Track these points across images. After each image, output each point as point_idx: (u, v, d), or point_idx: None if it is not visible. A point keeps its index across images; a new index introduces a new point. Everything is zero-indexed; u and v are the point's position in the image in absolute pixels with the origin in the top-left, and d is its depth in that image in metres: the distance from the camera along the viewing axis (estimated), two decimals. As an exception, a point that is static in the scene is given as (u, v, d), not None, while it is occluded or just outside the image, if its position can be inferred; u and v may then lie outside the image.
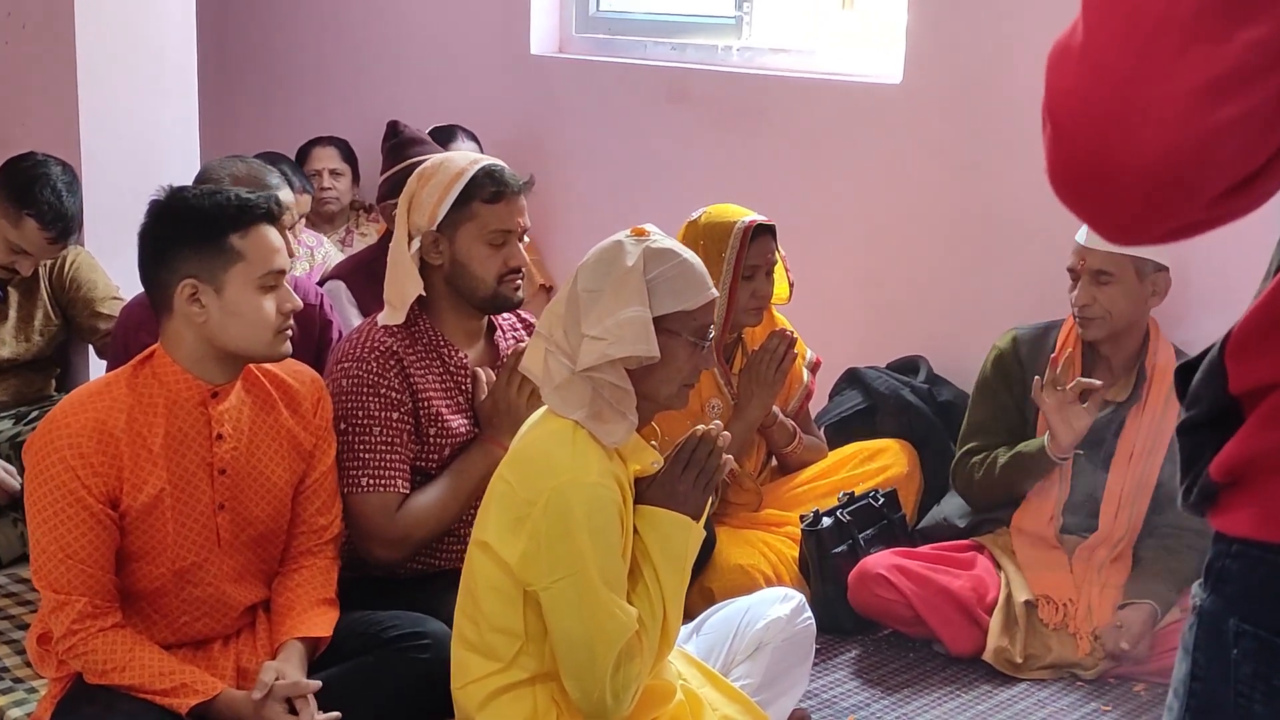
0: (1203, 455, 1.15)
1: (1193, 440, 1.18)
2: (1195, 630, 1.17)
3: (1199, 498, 1.16)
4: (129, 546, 2.57)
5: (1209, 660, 1.15)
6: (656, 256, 2.38)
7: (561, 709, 2.42)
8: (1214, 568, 1.16)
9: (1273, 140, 0.99)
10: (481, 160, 2.99)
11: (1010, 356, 3.59)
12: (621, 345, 2.32)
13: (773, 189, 4.31)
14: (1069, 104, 1.01)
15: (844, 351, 4.17)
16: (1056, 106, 1.02)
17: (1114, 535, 3.46)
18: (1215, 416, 1.15)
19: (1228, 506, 1.14)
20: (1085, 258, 3.42)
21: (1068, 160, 1.02)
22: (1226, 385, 1.14)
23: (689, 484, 2.44)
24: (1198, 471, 1.16)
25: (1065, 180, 1.04)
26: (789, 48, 4.61)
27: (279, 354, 2.64)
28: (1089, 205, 1.04)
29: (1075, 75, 1.00)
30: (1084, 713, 3.20)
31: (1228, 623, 1.13)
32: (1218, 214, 1.02)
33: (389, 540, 2.87)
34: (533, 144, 4.96)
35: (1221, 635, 1.13)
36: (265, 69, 5.95)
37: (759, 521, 3.66)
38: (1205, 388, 1.17)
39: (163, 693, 2.50)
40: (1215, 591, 1.15)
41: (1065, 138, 1.02)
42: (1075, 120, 1.01)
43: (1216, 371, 1.16)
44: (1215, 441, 1.14)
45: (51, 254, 3.97)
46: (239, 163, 3.35)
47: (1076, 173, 1.02)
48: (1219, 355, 1.16)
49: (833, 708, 3.16)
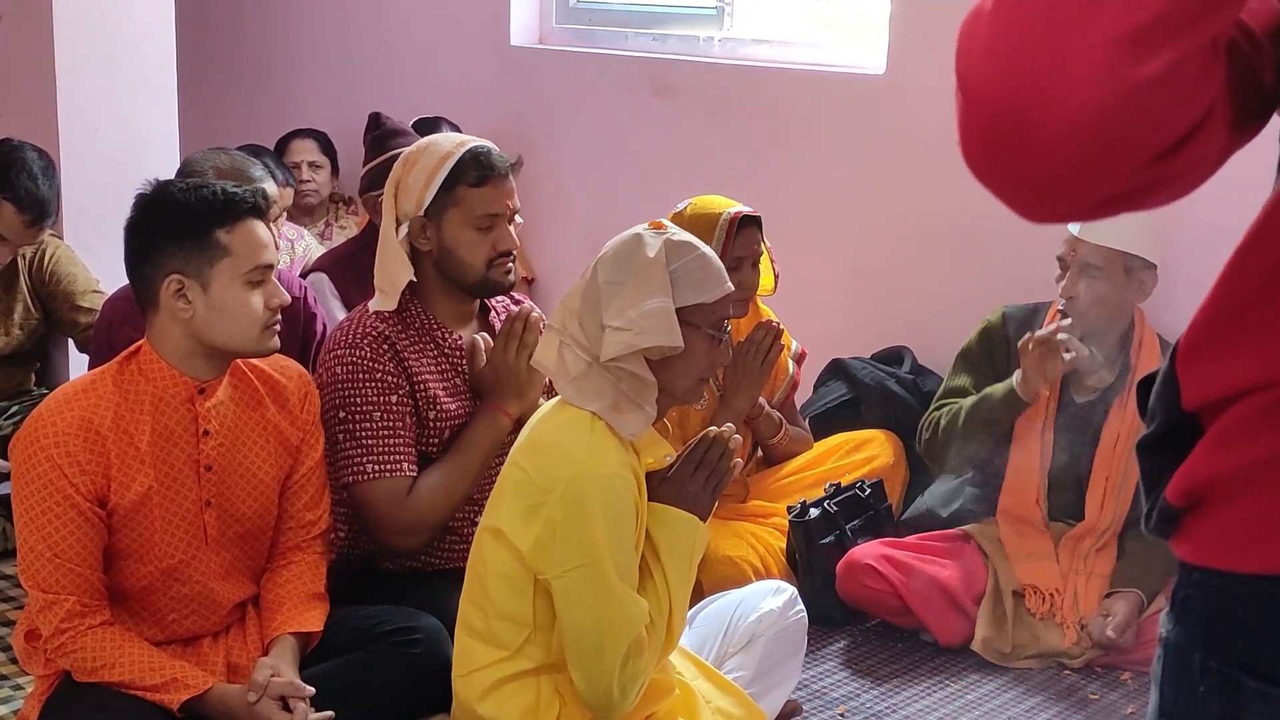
0: (1162, 477, 1.08)
1: (1151, 460, 1.10)
2: (1162, 662, 1.10)
3: (1159, 522, 1.09)
4: (116, 544, 2.55)
5: (1176, 694, 1.09)
6: (677, 249, 2.39)
7: (565, 701, 2.42)
8: (1177, 597, 1.09)
9: (1204, 96, 0.90)
10: (468, 142, 2.94)
11: (998, 331, 3.60)
12: (647, 335, 2.32)
13: (756, 180, 4.31)
14: (979, 65, 0.92)
15: (828, 343, 4.17)
16: (966, 70, 0.93)
17: (1099, 525, 3.47)
18: (1171, 433, 1.07)
19: (1187, 533, 1.07)
20: (1076, 249, 3.43)
21: (982, 127, 0.93)
22: (1179, 400, 1.06)
23: (699, 484, 2.45)
24: (1158, 494, 1.08)
25: (980, 150, 0.94)
26: (771, 38, 4.60)
27: (266, 349, 2.62)
28: (1006, 176, 0.93)
29: (986, 35, 0.92)
30: (1071, 701, 3.22)
31: (1193, 657, 1.06)
32: (1147, 182, 0.92)
33: (403, 527, 2.83)
34: (513, 136, 4.93)
35: (1187, 670, 1.07)
36: (244, 61, 5.91)
37: (746, 513, 3.67)
38: (1159, 401, 1.08)
39: (154, 688, 2.48)
40: (1179, 623, 1.08)
41: (977, 102, 0.93)
42: (986, 82, 0.92)
43: (1169, 384, 1.07)
44: (1173, 462, 1.06)
45: (29, 239, 3.95)
46: (222, 155, 3.32)
47: (991, 140, 0.93)
48: (1170, 365, 1.07)
49: (823, 698, 3.17)
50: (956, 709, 3.16)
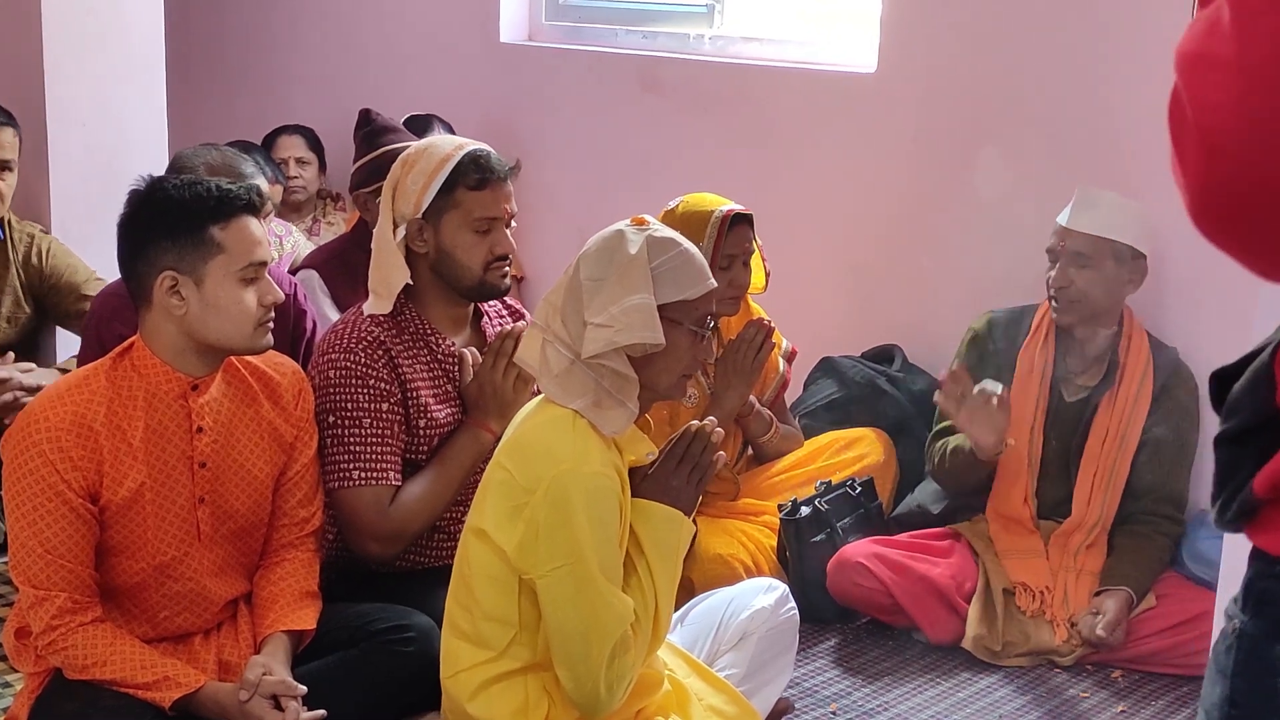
0: (1242, 468, 1.08)
1: (1231, 452, 1.10)
2: (1234, 653, 1.10)
3: (1237, 513, 1.09)
4: (109, 541, 2.54)
5: (1250, 687, 1.09)
6: (659, 245, 2.38)
7: (553, 700, 2.41)
8: (1255, 588, 1.09)
9: None
10: (467, 145, 2.94)
11: (985, 338, 3.62)
12: (628, 332, 2.32)
13: (747, 178, 4.31)
14: (1227, 119, 0.89)
15: (819, 340, 4.17)
16: (1209, 122, 0.90)
17: (1087, 521, 3.48)
18: (1257, 427, 1.08)
19: (1271, 524, 1.07)
20: (1066, 239, 3.46)
21: (1227, 182, 0.90)
22: (1275, 395, 1.07)
23: (682, 479, 2.45)
24: (1237, 485, 1.08)
25: (1222, 204, 0.92)
26: (762, 36, 4.60)
27: (260, 346, 2.61)
28: (1253, 233, 0.92)
29: (1231, 88, 0.89)
30: (1061, 699, 3.23)
31: (1273, 649, 1.07)
32: None
33: (382, 535, 2.83)
34: (503, 133, 4.92)
35: (1265, 661, 1.07)
36: (232, 56, 5.89)
37: (737, 511, 3.66)
38: (1248, 396, 1.09)
39: (145, 686, 2.47)
40: (1258, 614, 1.08)
41: (1224, 156, 0.90)
42: (1238, 137, 0.89)
43: (1263, 380, 1.08)
44: (1257, 454, 1.06)
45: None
46: (213, 151, 3.31)
47: (1239, 196, 0.91)
48: (1269, 363, 1.08)
49: (814, 696, 3.17)
50: (947, 707, 3.16)
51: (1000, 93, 4.00)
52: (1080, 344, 3.53)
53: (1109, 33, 3.79)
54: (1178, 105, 0.94)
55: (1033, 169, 3.94)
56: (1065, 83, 3.87)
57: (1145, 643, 3.34)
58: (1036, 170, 3.93)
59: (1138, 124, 3.64)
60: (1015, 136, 3.98)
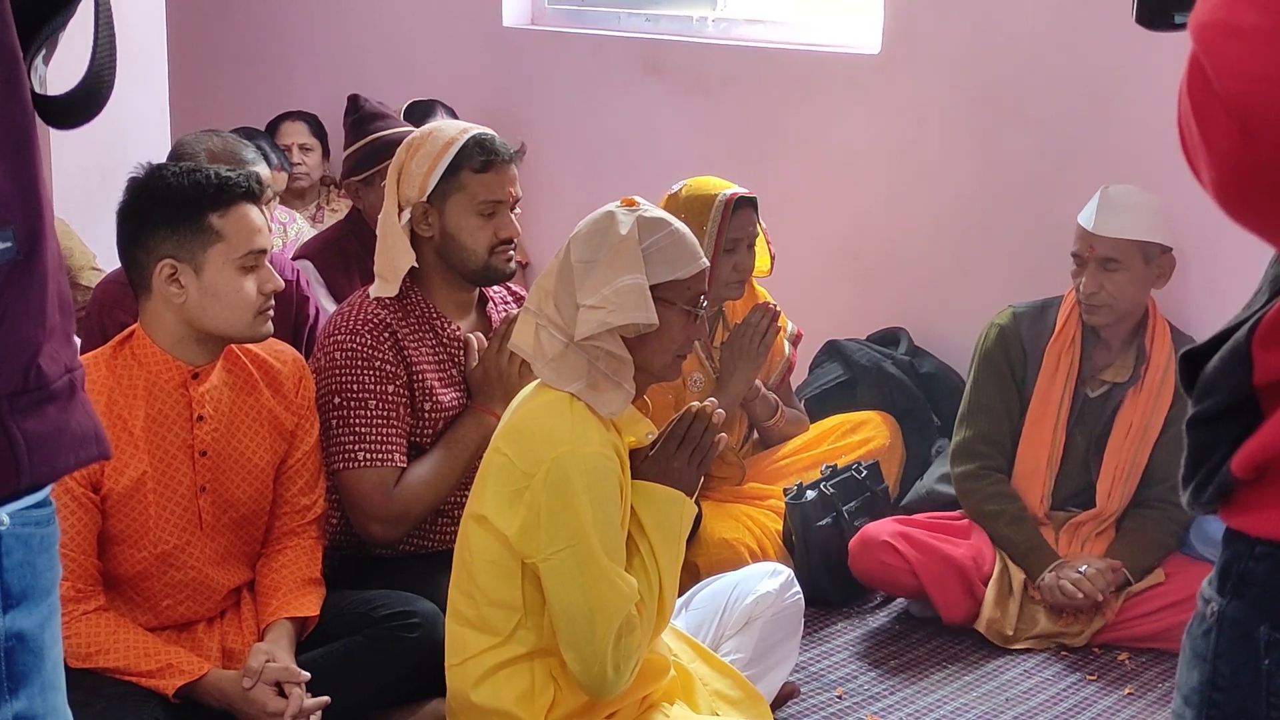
0: (1217, 449, 1.06)
1: (1205, 433, 1.08)
2: (1214, 636, 1.09)
3: (1214, 494, 1.08)
4: (110, 530, 2.54)
5: (1234, 670, 1.07)
6: (650, 225, 2.37)
7: (559, 684, 2.41)
8: (1233, 570, 1.08)
9: None
10: (471, 129, 2.94)
11: (1012, 333, 3.53)
12: (621, 313, 2.31)
13: (750, 161, 4.29)
14: (1265, 92, 0.84)
15: (824, 324, 4.15)
16: (1245, 95, 0.85)
17: (1105, 513, 3.47)
18: (1233, 408, 1.06)
19: (1249, 504, 1.06)
20: (1093, 245, 3.36)
21: (1266, 158, 0.85)
22: (1251, 375, 1.05)
23: (684, 460, 2.44)
24: (1213, 466, 1.07)
25: (1259, 183, 0.87)
26: (764, 18, 4.58)
27: (260, 335, 2.61)
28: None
29: (1267, 57, 0.84)
30: (1069, 682, 3.22)
31: (1257, 630, 1.05)
32: None
33: (386, 518, 2.83)
34: (506, 117, 4.90)
35: (1249, 643, 1.06)
36: (234, 42, 5.87)
37: (742, 495, 3.65)
38: (1224, 378, 1.07)
39: (148, 674, 2.47)
40: (1238, 596, 1.07)
41: (1262, 130, 0.84)
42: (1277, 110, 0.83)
43: (1241, 360, 1.06)
44: (1233, 435, 1.05)
45: None
46: (215, 137, 3.30)
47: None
48: (1245, 343, 1.05)
49: (820, 680, 3.17)
50: (955, 690, 3.16)
51: (1005, 74, 3.97)
52: (1107, 341, 3.48)
53: (1116, 11, 3.75)
54: (1199, 78, 0.88)
55: (1038, 150, 3.91)
56: (1071, 66, 3.85)
57: (1145, 623, 3.33)
58: (1042, 151, 3.90)
59: (1147, 101, 3.61)
60: (1020, 118, 3.95)
